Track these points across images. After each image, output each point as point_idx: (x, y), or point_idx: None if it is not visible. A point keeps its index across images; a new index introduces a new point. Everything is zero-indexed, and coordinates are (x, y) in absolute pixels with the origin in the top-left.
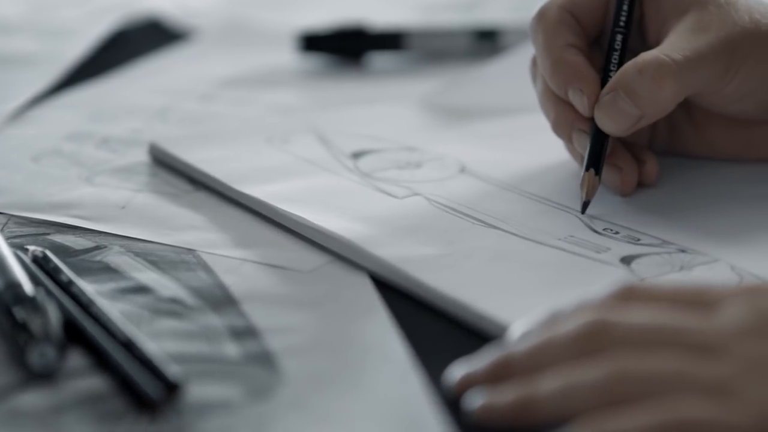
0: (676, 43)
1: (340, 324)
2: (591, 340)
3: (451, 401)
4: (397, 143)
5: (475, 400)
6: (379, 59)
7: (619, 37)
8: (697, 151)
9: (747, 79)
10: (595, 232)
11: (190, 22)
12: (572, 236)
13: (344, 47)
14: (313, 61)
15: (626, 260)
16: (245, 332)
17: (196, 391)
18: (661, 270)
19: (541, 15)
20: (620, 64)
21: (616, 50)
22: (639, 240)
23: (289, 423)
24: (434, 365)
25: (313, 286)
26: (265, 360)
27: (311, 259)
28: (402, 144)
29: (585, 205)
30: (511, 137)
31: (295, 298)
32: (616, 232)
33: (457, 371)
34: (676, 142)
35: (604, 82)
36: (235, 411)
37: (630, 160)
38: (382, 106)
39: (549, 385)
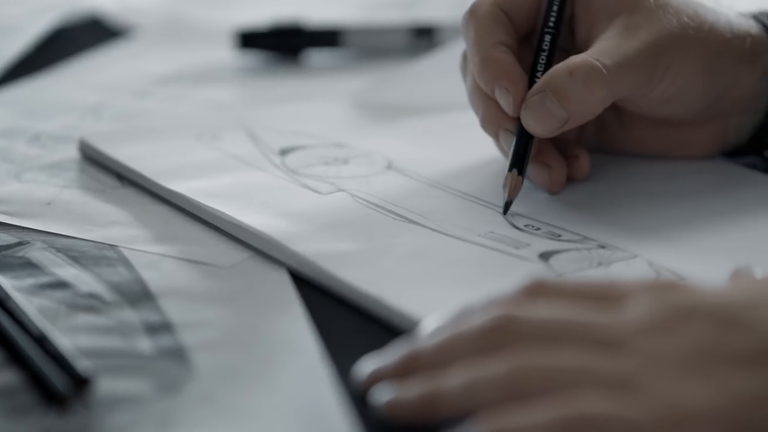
0: (606, 47)
1: (255, 319)
2: (496, 335)
3: (360, 396)
4: (326, 140)
5: (383, 395)
6: (316, 56)
7: (547, 38)
8: (625, 149)
9: (673, 83)
10: (516, 228)
11: (131, 20)
12: (492, 232)
13: (281, 44)
14: (251, 58)
15: (545, 256)
16: (160, 327)
17: (107, 385)
18: (579, 266)
19: (473, 11)
20: (548, 64)
21: (544, 51)
22: (559, 236)
23: (197, 417)
24: (346, 360)
25: (231, 282)
26: (177, 355)
27: (231, 254)
28: (331, 140)
29: (507, 206)
30: (440, 134)
31: (213, 293)
32: (538, 228)
33: (366, 366)
34: (604, 141)
35: (531, 82)
36: (144, 405)
37: (559, 158)
38: (314, 103)
39: (454, 380)
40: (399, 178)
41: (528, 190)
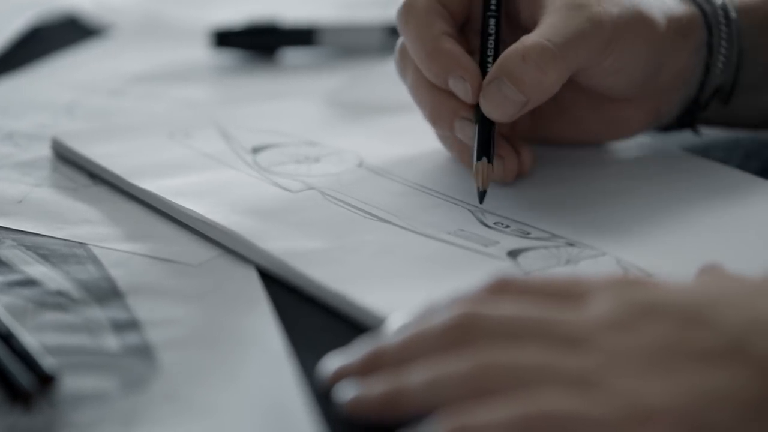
0: (554, 25)
1: (222, 317)
2: (459, 332)
3: (324, 393)
4: (299, 138)
5: (346, 393)
6: (292, 55)
7: (492, 21)
8: (561, 134)
9: (621, 55)
10: (486, 225)
11: (108, 19)
12: (462, 230)
13: (257, 43)
14: (226, 56)
15: (513, 254)
16: (127, 325)
17: (72, 383)
18: (547, 263)
19: (410, 6)
20: (496, 48)
21: (490, 35)
22: (529, 234)
23: (161, 414)
24: (312, 357)
25: (199, 280)
26: (143, 352)
27: (201, 252)
28: (303, 139)
29: (482, 195)
30: (412, 132)
31: (181, 291)
32: (507, 226)
33: (330, 363)
34: (540, 127)
35: (482, 68)
36: (108, 403)
37: (509, 148)
38: (287, 102)
39: (417, 377)
40: (370, 176)
41: (498, 188)
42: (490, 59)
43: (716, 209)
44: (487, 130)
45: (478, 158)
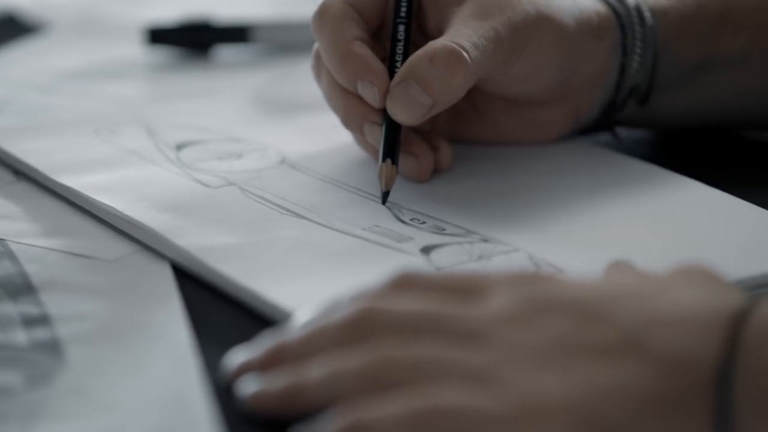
0: (461, 31)
1: (132, 312)
2: (358, 327)
3: (227, 388)
4: (223, 134)
5: (248, 387)
6: (226, 52)
7: (401, 28)
8: (481, 135)
9: (529, 60)
10: (402, 222)
11: (45, 16)
12: (378, 226)
13: (190, 40)
14: (161, 54)
15: (426, 250)
16: (37, 320)
17: None
18: (459, 260)
19: (324, 11)
20: (405, 54)
21: (399, 41)
22: (444, 230)
23: (64, 408)
24: (219, 353)
25: (113, 275)
26: (50, 347)
27: (117, 248)
28: (228, 135)
29: (385, 195)
30: (336, 129)
31: (94, 286)
32: (423, 222)
33: (234, 358)
34: (459, 128)
35: (391, 73)
36: (12, 397)
37: (424, 146)
38: (216, 98)
39: (315, 372)
40: (291, 173)
41: (417, 185)
42: (398, 64)
43: (631, 204)
44: (393, 132)
45: (383, 160)
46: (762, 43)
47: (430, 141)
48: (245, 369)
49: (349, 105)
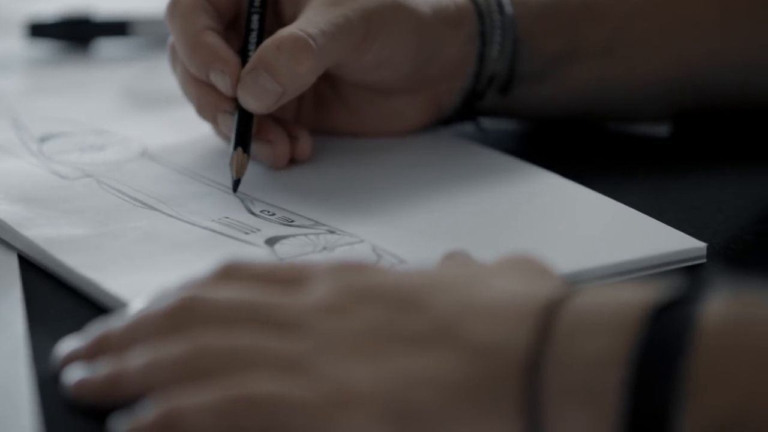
0: (311, 18)
1: None
2: (178, 316)
3: (56, 377)
4: (89, 127)
5: (72, 376)
6: (106, 46)
7: (255, 18)
8: (346, 126)
9: (383, 47)
10: (252, 213)
11: None
12: (227, 218)
13: (70, 34)
14: (41, 48)
15: (271, 241)
16: None
17: None
18: (303, 251)
19: (176, 1)
20: (258, 43)
21: (253, 30)
22: (292, 221)
23: None
24: (54, 343)
25: None
26: None
27: None
28: (93, 128)
29: (236, 184)
30: (200, 121)
31: None
32: (273, 214)
33: (63, 347)
34: (324, 118)
35: (244, 63)
36: None
37: (280, 133)
38: (88, 91)
39: (136, 360)
40: (150, 165)
41: (270, 176)
42: (250, 53)
43: (482, 196)
44: (245, 120)
45: (234, 148)
46: (626, 34)
47: (291, 131)
48: (73, 358)
49: (201, 95)
